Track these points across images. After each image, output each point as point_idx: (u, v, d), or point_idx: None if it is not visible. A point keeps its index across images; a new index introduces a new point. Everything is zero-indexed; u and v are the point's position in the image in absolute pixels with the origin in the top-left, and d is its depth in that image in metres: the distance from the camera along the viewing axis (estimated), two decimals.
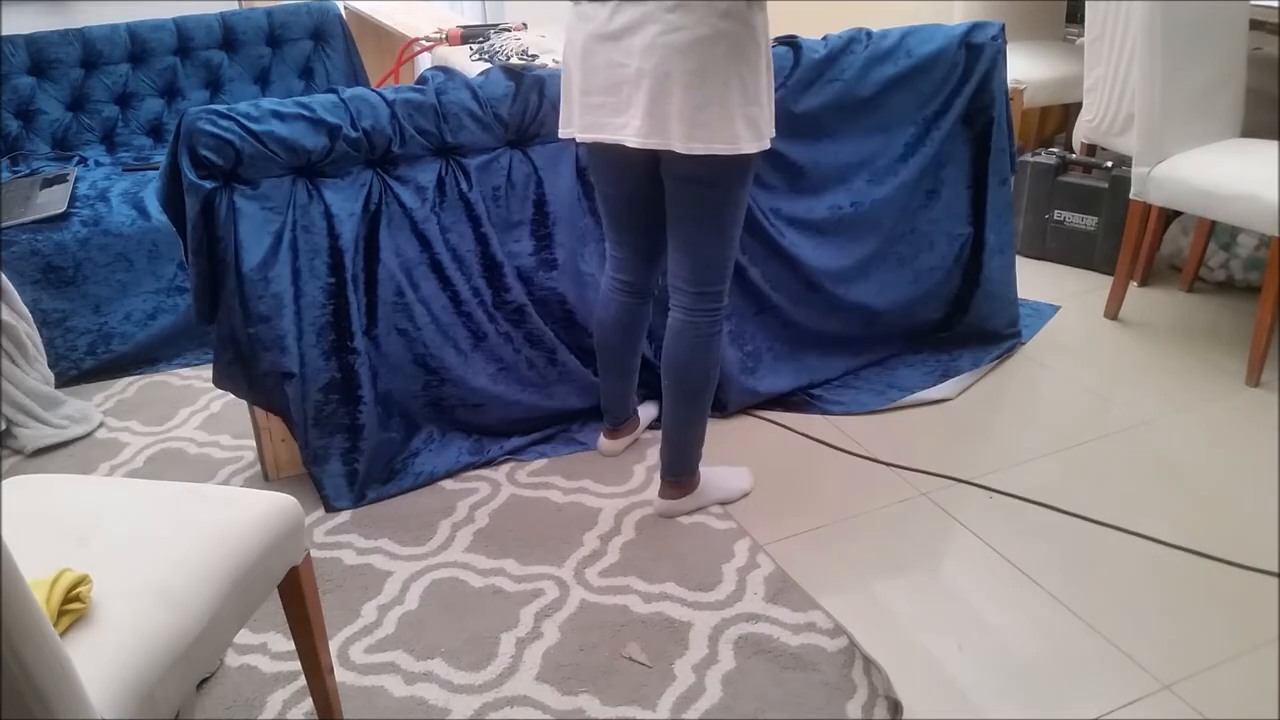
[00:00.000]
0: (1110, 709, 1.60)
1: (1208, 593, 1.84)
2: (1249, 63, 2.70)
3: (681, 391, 1.95)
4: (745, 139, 1.70)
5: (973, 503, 2.11)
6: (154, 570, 1.21)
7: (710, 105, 1.67)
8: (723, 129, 1.68)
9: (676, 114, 1.68)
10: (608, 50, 1.73)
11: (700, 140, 1.68)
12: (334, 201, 2.05)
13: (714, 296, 1.89)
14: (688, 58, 1.65)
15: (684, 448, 2.02)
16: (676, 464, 2.04)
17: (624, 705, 1.62)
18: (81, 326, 2.66)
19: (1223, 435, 2.31)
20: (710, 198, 1.79)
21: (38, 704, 0.92)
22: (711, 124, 1.68)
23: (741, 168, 1.77)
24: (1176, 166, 2.59)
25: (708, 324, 1.90)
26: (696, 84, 1.66)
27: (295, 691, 1.67)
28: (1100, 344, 2.74)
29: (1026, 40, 3.76)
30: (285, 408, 2.08)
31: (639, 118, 1.72)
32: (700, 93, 1.66)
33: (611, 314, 2.10)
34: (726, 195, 1.80)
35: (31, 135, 3.12)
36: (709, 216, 1.82)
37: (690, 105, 1.67)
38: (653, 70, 1.67)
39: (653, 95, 1.69)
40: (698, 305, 1.89)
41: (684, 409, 1.97)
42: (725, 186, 1.79)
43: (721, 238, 1.84)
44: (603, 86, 1.76)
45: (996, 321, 2.68)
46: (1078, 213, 3.14)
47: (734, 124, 1.68)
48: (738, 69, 1.67)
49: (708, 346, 1.91)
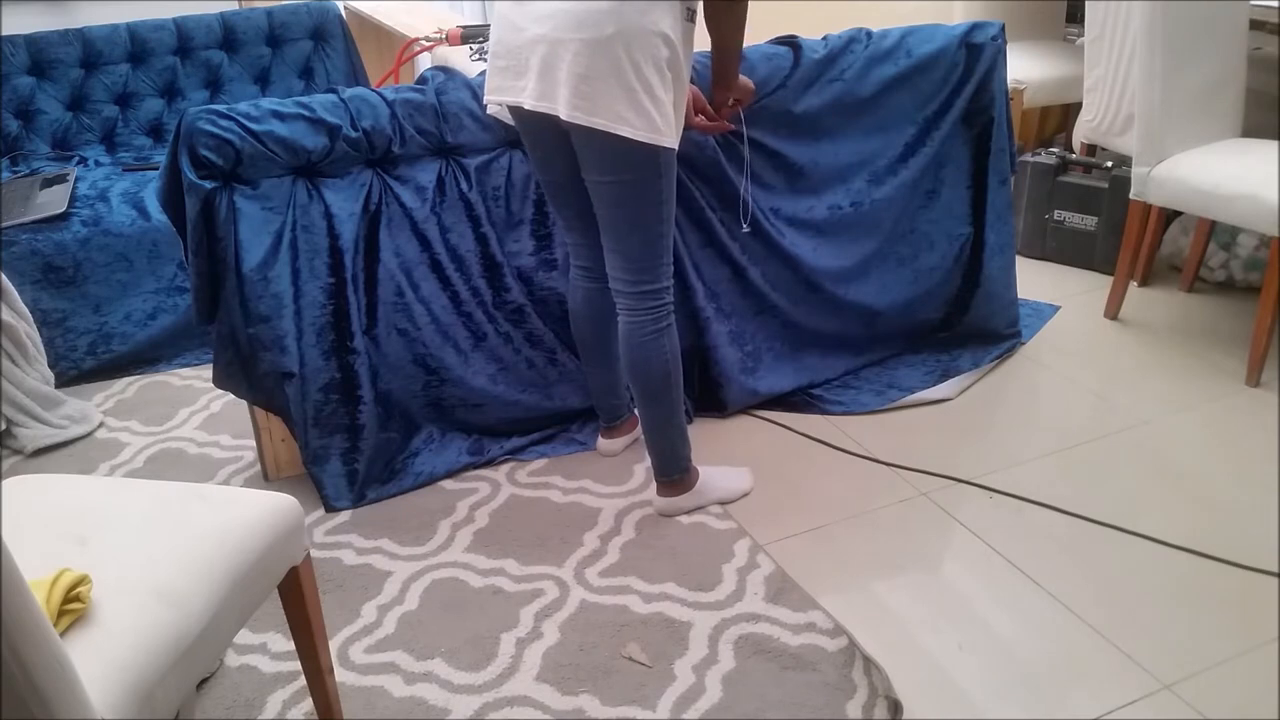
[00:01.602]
0: (1110, 709, 1.60)
1: (1208, 593, 1.84)
2: (1249, 63, 2.70)
3: (645, 392, 1.96)
4: (630, 122, 1.69)
5: (973, 503, 2.11)
6: (154, 570, 1.21)
7: (595, 79, 1.67)
8: (606, 106, 1.68)
9: (564, 80, 1.69)
10: (514, 14, 1.75)
11: (582, 111, 1.69)
12: (334, 201, 2.06)
13: (653, 294, 1.90)
14: (582, 28, 1.66)
15: (665, 446, 2.02)
16: (664, 463, 2.04)
17: (624, 705, 1.62)
18: (81, 326, 2.66)
19: (1223, 435, 2.31)
20: (623, 194, 1.81)
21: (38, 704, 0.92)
22: (595, 97, 1.68)
23: (646, 162, 1.76)
24: (1176, 166, 2.59)
25: (651, 321, 1.91)
26: (585, 54, 1.66)
27: (295, 691, 1.67)
28: (1100, 344, 2.74)
29: (1026, 40, 3.76)
30: (285, 408, 2.09)
31: (534, 80, 1.74)
32: (588, 63, 1.66)
33: (578, 302, 2.12)
34: (640, 191, 1.80)
35: (31, 135, 3.12)
36: (626, 214, 1.83)
37: (575, 74, 1.67)
38: (547, 35, 1.69)
39: (545, 59, 1.71)
40: (638, 305, 1.91)
41: (653, 408, 1.98)
42: (634, 183, 1.79)
43: (646, 235, 1.85)
44: (507, 49, 1.78)
45: (996, 321, 2.68)
46: (1078, 213, 3.14)
47: (618, 104, 1.68)
48: (634, 54, 1.66)
49: (657, 343, 1.92)
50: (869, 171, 2.45)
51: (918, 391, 2.49)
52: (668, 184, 1.81)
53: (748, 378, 2.42)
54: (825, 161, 2.40)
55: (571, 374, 2.33)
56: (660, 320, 1.92)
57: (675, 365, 1.95)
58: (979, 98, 2.49)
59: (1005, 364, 2.65)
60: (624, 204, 1.82)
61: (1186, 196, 2.58)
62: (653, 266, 1.88)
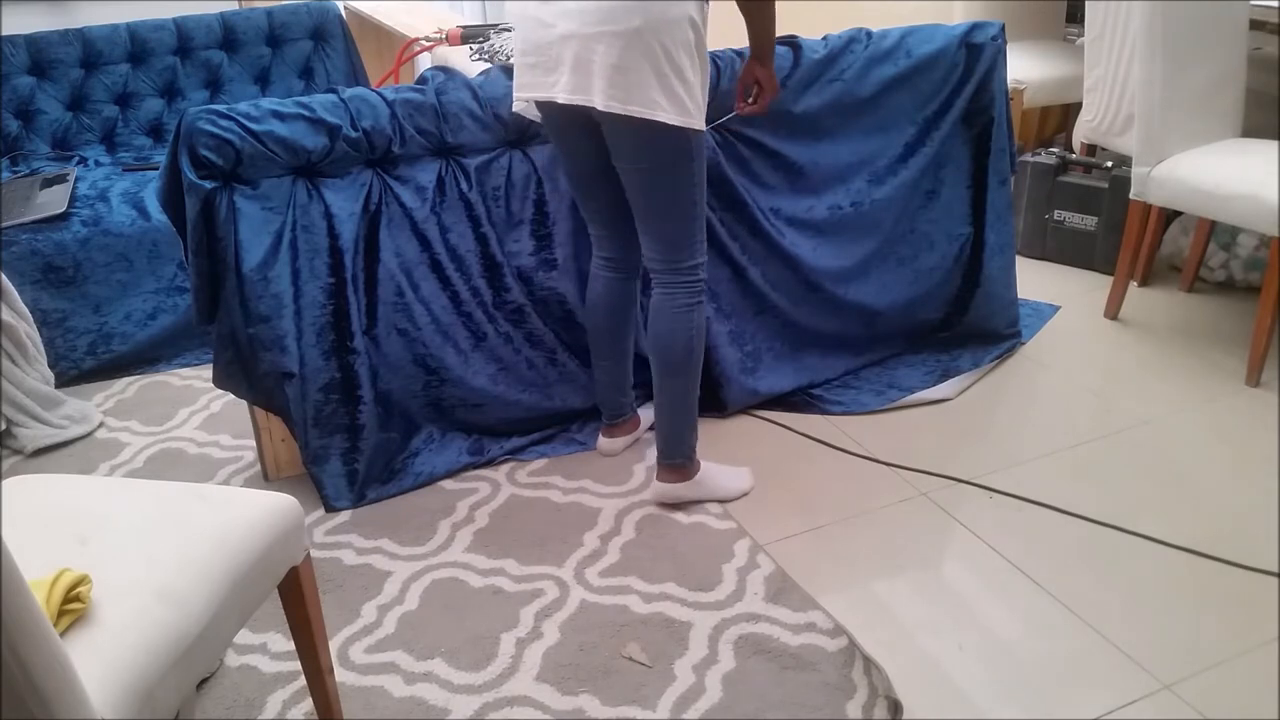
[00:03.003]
0: (1110, 709, 1.60)
1: (1208, 593, 1.84)
2: (1249, 63, 2.70)
3: (666, 365, 1.99)
4: (663, 107, 1.74)
5: (973, 503, 2.11)
6: (154, 570, 1.21)
7: (629, 69, 1.71)
8: (640, 93, 1.73)
9: (598, 71, 1.73)
10: (540, 12, 1.78)
11: (618, 100, 1.74)
12: (334, 201, 2.06)
13: (688, 269, 1.95)
14: (612, 20, 1.70)
15: (675, 426, 2.04)
16: (670, 444, 2.05)
17: (624, 705, 1.62)
18: (81, 326, 2.66)
19: (1223, 435, 2.31)
20: (657, 180, 1.86)
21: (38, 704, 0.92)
22: (630, 87, 1.72)
23: (677, 146, 1.81)
24: (1176, 166, 2.59)
25: (684, 294, 1.95)
26: (618, 46, 1.70)
27: (295, 691, 1.67)
28: (1100, 344, 2.74)
29: (1026, 40, 3.76)
30: (285, 408, 2.09)
31: (566, 74, 1.78)
32: (620, 54, 1.71)
33: (597, 292, 2.14)
34: (672, 178, 1.85)
35: (31, 135, 3.12)
36: (660, 198, 1.88)
37: (609, 65, 1.72)
38: (577, 30, 1.73)
39: (578, 53, 1.74)
40: (673, 279, 1.96)
41: (669, 383, 2.00)
42: (666, 168, 1.84)
43: (680, 217, 1.90)
44: (535, 46, 1.81)
45: (996, 321, 2.68)
46: (1078, 213, 3.14)
47: (651, 91, 1.72)
48: (662, 40, 1.71)
49: (686, 317, 1.95)
50: (869, 171, 2.45)
51: (918, 391, 2.49)
52: (699, 166, 1.87)
53: (748, 378, 2.42)
54: (825, 161, 2.40)
55: (572, 374, 2.33)
56: (693, 295, 1.96)
57: (699, 343, 1.99)
58: (979, 98, 2.49)
59: (1005, 364, 2.65)
60: (658, 189, 1.87)
61: (1186, 196, 2.58)
62: (688, 244, 1.93)
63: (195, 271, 2.00)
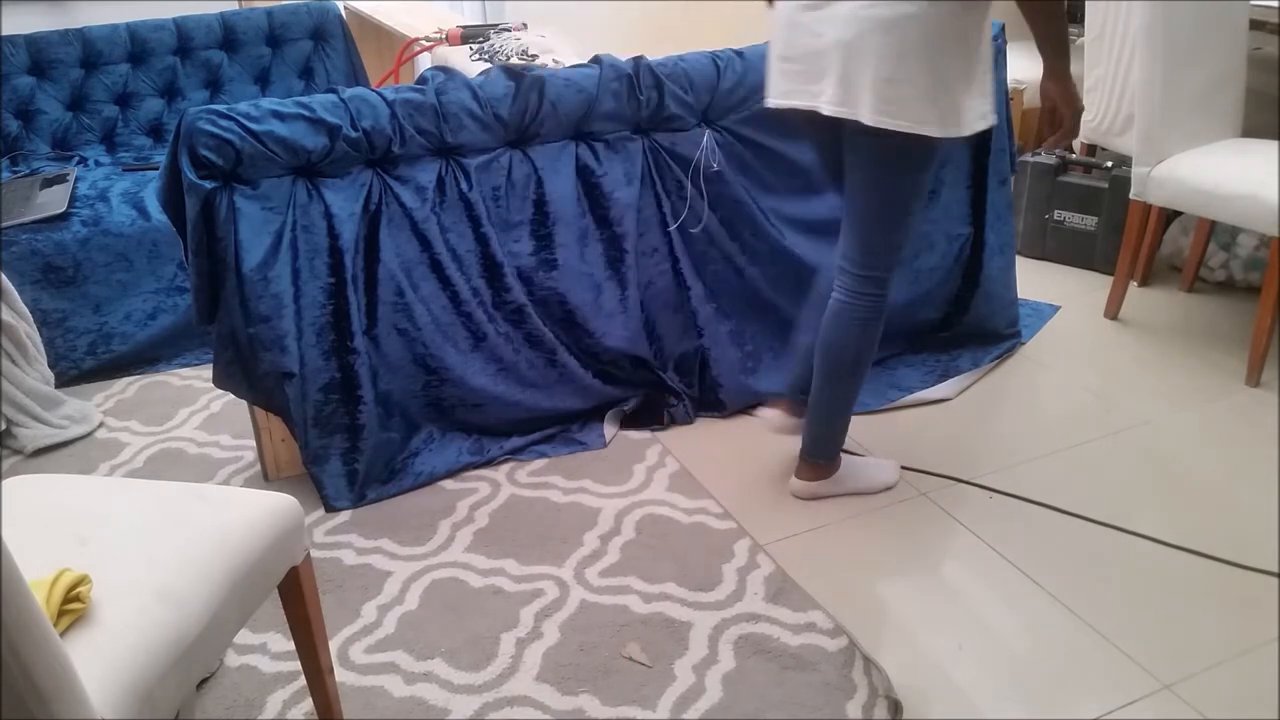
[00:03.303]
0: (1110, 709, 1.60)
1: (1208, 593, 1.84)
2: (1249, 63, 2.70)
3: (830, 371, 1.98)
4: (930, 121, 1.71)
5: (973, 503, 2.11)
6: (154, 570, 1.21)
7: (901, 82, 1.68)
8: (910, 107, 1.70)
9: (869, 85, 1.70)
10: (809, 19, 1.76)
11: (888, 115, 1.70)
12: (334, 201, 2.06)
13: (877, 282, 1.92)
14: (886, 32, 1.67)
15: (827, 429, 2.04)
16: (818, 445, 2.06)
17: (624, 705, 1.62)
18: (81, 326, 2.66)
19: (1223, 435, 2.31)
20: (885, 180, 1.82)
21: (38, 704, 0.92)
22: (900, 101, 1.69)
23: (923, 152, 1.78)
24: (1176, 166, 2.59)
25: (865, 308, 1.93)
26: (891, 58, 1.67)
27: (295, 691, 1.67)
28: (1100, 344, 2.74)
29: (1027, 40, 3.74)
30: (285, 408, 2.08)
31: (833, 86, 1.74)
32: (893, 68, 1.68)
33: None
34: (902, 179, 1.82)
35: (31, 135, 3.12)
36: (881, 197, 1.84)
37: (881, 79, 1.68)
38: (850, 41, 1.70)
39: (847, 65, 1.71)
40: (860, 289, 1.92)
41: (829, 389, 2.00)
42: (903, 170, 1.81)
43: (892, 221, 1.86)
44: (801, 54, 1.79)
45: (996, 321, 2.67)
46: (1078, 213, 3.14)
47: (920, 104, 1.69)
48: (933, 52, 1.68)
49: (863, 330, 1.94)
50: None
51: (918, 391, 2.49)
52: (929, 177, 1.84)
53: (748, 378, 2.42)
54: None
55: (571, 374, 2.33)
56: (873, 310, 1.93)
57: (868, 356, 1.98)
58: None
59: (1005, 364, 2.64)
60: (883, 189, 1.84)
61: (1186, 196, 2.58)
62: (886, 254, 1.90)
63: (195, 271, 2.00)
